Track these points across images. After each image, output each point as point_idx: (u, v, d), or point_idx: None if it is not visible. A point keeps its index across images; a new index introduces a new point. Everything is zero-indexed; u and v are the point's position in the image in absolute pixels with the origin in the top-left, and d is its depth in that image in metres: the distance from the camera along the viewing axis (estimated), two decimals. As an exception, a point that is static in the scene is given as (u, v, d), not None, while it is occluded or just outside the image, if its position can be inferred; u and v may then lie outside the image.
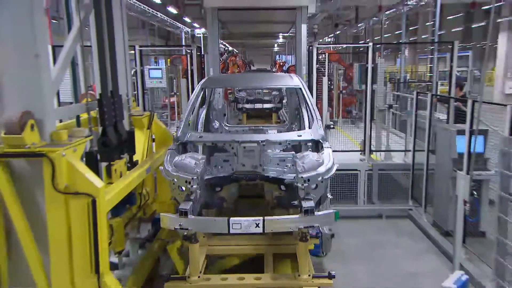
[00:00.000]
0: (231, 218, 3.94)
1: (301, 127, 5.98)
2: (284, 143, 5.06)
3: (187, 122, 5.28)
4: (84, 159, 4.06)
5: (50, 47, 4.04)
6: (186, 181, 4.07)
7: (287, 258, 4.95)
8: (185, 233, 4.01)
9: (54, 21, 15.21)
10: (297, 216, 3.94)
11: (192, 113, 5.71)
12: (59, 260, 3.51)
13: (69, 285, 3.55)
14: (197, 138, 4.97)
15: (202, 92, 6.10)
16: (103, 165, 4.26)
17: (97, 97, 4.27)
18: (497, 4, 19.36)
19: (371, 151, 9.55)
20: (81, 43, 4.35)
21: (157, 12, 22.79)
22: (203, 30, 28.64)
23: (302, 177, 3.98)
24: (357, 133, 11.22)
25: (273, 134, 5.85)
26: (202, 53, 11.96)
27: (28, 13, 3.34)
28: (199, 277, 4.17)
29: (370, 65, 9.50)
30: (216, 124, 7.38)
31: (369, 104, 9.54)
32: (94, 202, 3.43)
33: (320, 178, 4.02)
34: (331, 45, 25.66)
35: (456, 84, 10.04)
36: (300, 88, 5.89)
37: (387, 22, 23.11)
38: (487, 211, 7.37)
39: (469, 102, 6.72)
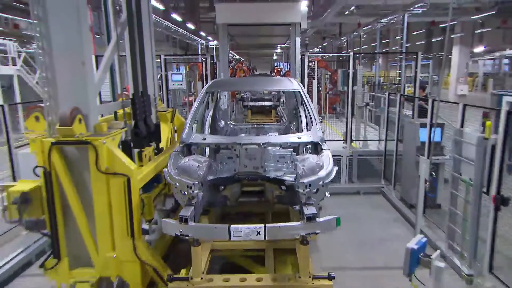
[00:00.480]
0: (232, 226, 3.36)
1: (299, 127, 5.43)
2: (284, 145, 4.49)
3: (192, 124, 4.75)
4: (120, 146, 4.07)
5: (93, 57, 4.04)
6: (187, 186, 3.55)
7: (287, 253, 4.36)
8: (187, 238, 3.45)
9: (97, 36, 15.22)
10: (299, 223, 3.37)
11: (197, 116, 5.15)
12: (103, 227, 3.57)
13: (111, 246, 3.61)
14: (200, 140, 4.38)
15: (207, 96, 5.56)
16: (136, 151, 4.25)
17: (130, 96, 4.28)
18: (451, 23, 19.32)
19: (351, 141, 9.56)
20: (118, 53, 4.41)
21: (178, 28, 22.69)
22: (215, 42, 28.50)
23: (303, 182, 3.46)
24: (340, 126, 11.23)
25: (273, 137, 5.25)
26: (215, 60, 11.96)
27: (77, 30, 3.38)
28: (201, 278, 3.61)
29: (351, 71, 9.49)
30: (222, 123, 6.69)
31: (350, 102, 9.55)
32: (128, 181, 3.48)
33: (321, 183, 3.52)
34: (319, 54, 25.50)
35: (420, 86, 10.09)
36: (299, 92, 5.36)
37: (365, 36, 22.95)
38: (442, 188, 7.44)
39: (430, 101, 6.73)
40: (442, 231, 6.40)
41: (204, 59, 11.54)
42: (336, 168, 3.83)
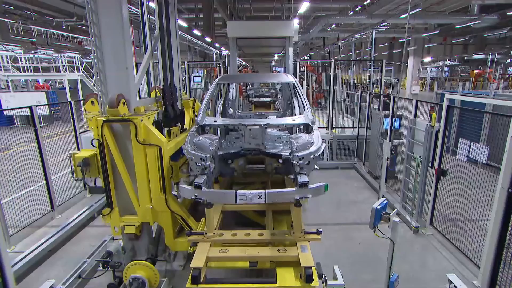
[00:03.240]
0: (238, 191, 3.17)
1: (292, 113, 5.12)
2: (281, 126, 4.25)
3: (205, 110, 4.41)
4: (154, 125, 4.00)
5: (134, 63, 4.01)
6: (201, 158, 3.34)
7: (283, 214, 4.16)
8: (202, 201, 3.24)
9: (136, 47, 15.14)
10: (293, 189, 3.18)
11: (210, 104, 4.78)
12: (142, 184, 3.55)
13: (148, 199, 3.60)
14: (212, 122, 4.10)
15: (217, 87, 5.18)
16: (166, 129, 4.19)
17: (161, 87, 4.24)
18: (407, 39, 19.26)
19: (332, 128, 9.54)
20: (152, 61, 4.38)
21: (198, 41, 22.39)
22: (227, 51, 28.12)
23: (297, 155, 3.28)
24: (323, 116, 11.19)
25: (272, 119, 4.92)
26: (226, 66, 11.85)
27: (122, 43, 3.38)
28: (214, 233, 3.45)
29: (332, 74, 9.42)
30: (231, 111, 6.38)
31: (331, 98, 9.50)
32: (160, 150, 3.45)
33: (312, 156, 3.34)
34: (308, 61, 25.24)
35: (384, 86, 10.00)
36: (293, 83, 5.07)
37: (342, 47, 22.65)
38: (399, 164, 7.49)
39: (392, 98, 6.71)
40: (398, 195, 6.49)
41: (218, 65, 11.46)
42: (324, 144, 3.64)
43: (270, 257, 3.22)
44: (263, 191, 3.18)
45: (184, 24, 16.56)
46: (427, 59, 31.84)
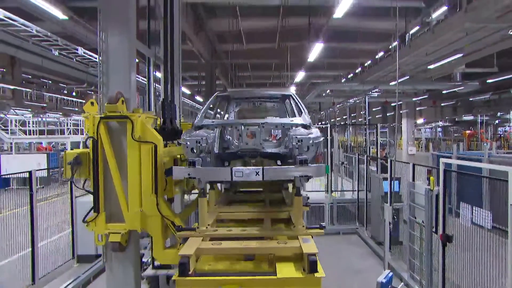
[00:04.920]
0: (234, 167, 3.00)
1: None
2: (279, 125, 3.92)
3: (203, 115, 4.04)
4: None
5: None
6: (196, 141, 3.13)
7: (282, 222, 3.77)
8: (198, 186, 3.02)
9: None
10: (293, 166, 3.00)
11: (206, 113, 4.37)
12: (133, 185, 3.44)
13: (138, 201, 3.45)
14: (210, 122, 3.78)
15: (216, 99, 4.72)
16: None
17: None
18: (399, 103, 20.54)
19: (331, 191, 9.52)
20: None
21: (200, 106, 23.56)
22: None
23: (296, 136, 3.10)
24: (322, 179, 11.21)
25: (270, 118, 4.60)
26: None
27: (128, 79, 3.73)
28: (207, 227, 3.18)
29: (329, 137, 9.77)
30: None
31: (329, 161, 9.68)
32: (155, 147, 3.43)
33: (311, 141, 3.09)
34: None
35: (380, 148, 10.30)
36: (291, 95, 4.71)
37: (338, 111, 23.79)
38: (403, 228, 7.32)
39: (389, 161, 6.88)
40: (404, 263, 6.23)
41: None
42: (322, 137, 3.49)
43: (268, 249, 2.94)
44: (260, 167, 2.98)
45: (187, 91, 17.61)
46: (420, 121, 33.26)
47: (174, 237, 3.66)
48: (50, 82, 19.41)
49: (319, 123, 26.86)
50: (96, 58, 3.97)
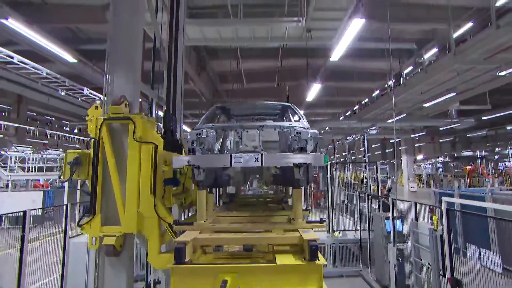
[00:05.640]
0: (233, 154, 3.03)
1: None
2: (278, 128, 3.85)
3: (204, 121, 4.08)
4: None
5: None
6: (197, 134, 3.21)
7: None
8: (197, 178, 3.03)
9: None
10: (291, 153, 3.06)
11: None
12: (132, 183, 3.44)
13: (136, 203, 3.43)
14: (210, 126, 3.77)
15: (215, 110, 4.77)
16: None
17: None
18: (397, 139, 20.80)
19: (333, 231, 9.32)
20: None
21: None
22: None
23: (294, 129, 3.20)
24: (323, 217, 11.01)
25: (269, 122, 4.63)
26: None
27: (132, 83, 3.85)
28: (204, 221, 3.16)
29: (329, 175, 9.75)
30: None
31: (330, 199, 9.57)
32: (156, 147, 3.48)
33: (309, 135, 3.15)
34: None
35: (381, 186, 10.24)
36: (290, 105, 4.78)
37: (337, 148, 23.97)
38: (408, 270, 7.05)
39: (390, 199, 6.80)
40: (413, 309, 5.91)
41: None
42: (320, 136, 3.50)
43: (268, 239, 2.89)
44: (259, 153, 3.00)
45: (188, 129, 17.90)
46: (419, 157, 33.39)
47: (171, 244, 3.63)
48: (54, 119, 19.80)
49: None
50: (101, 98, 4.12)
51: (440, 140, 28.92)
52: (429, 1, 11.06)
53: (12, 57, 8.64)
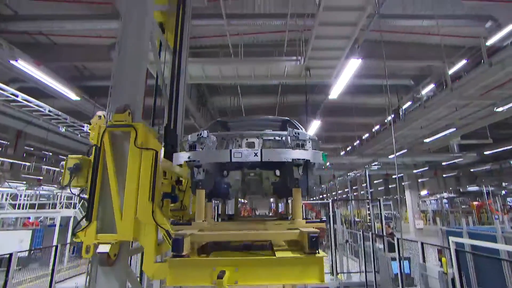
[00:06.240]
0: (233, 149, 3.13)
1: None
2: (277, 136, 3.88)
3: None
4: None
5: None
6: (197, 135, 3.28)
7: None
8: (196, 178, 3.10)
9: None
10: (290, 149, 3.13)
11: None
12: (131, 189, 3.43)
13: (133, 209, 3.40)
14: (210, 134, 3.78)
15: (216, 124, 5.08)
16: None
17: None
18: (400, 175, 20.74)
19: (337, 273, 8.98)
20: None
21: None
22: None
23: (293, 130, 3.29)
24: (326, 258, 10.66)
25: (269, 130, 4.58)
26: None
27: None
28: (203, 221, 3.19)
29: (331, 213, 9.58)
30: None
31: (333, 238, 9.33)
32: (156, 153, 3.53)
33: (307, 137, 3.23)
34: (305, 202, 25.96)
35: (386, 224, 10.03)
36: (289, 119, 4.90)
37: (338, 185, 23.83)
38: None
39: (396, 240, 6.64)
40: None
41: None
42: (319, 141, 3.61)
43: (267, 235, 2.96)
44: (258, 149, 3.10)
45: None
46: (424, 192, 32.94)
47: (167, 255, 3.58)
48: (51, 154, 19.84)
49: (320, 196, 26.66)
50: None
51: (444, 175, 28.78)
52: (423, 40, 11.64)
53: (17, 96, 8.86)
